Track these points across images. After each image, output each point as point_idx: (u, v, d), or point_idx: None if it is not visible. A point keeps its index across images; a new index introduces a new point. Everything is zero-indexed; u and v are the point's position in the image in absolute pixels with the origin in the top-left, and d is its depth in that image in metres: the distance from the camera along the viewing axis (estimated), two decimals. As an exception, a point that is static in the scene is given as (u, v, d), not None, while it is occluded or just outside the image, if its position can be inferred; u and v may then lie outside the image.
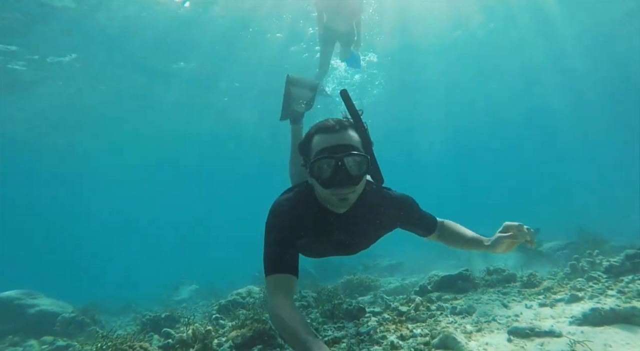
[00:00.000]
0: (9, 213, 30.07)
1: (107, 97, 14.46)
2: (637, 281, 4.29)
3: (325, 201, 1.78)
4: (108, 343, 3.74)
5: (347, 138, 1.66)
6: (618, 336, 2.97)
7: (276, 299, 1.57)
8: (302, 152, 1.81)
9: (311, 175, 1.71)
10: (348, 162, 1.61)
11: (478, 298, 4.76)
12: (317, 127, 1.74)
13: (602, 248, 7.96)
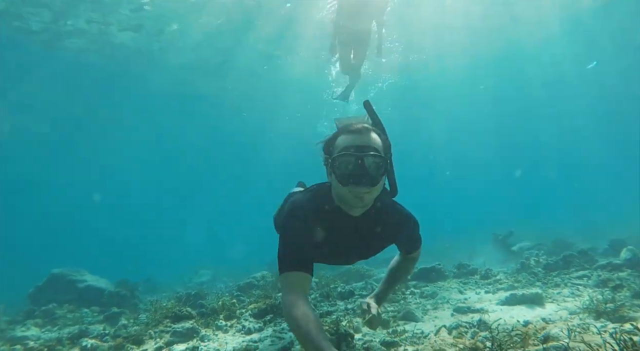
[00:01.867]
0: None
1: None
2: (561, 275, 5.51)
3: (342, 200, 1.81)
4: (163, 307, 5.01)
5: (369, 140, 1.70)
6: (521, 311, 4.19)
7: (291, 297, 1.59)
8: (326, 150, 1.84)
9: (331, 172, 1.75)
10: (368, 161, 1.65)
11: (442, 286, 6.02)
12: (343, 127, 1.80)
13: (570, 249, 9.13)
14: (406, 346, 3.28)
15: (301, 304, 1.55)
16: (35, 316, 7.17)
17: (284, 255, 1.73)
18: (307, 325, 1.44)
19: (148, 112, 18.11)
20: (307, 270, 1.68)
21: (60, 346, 4.35)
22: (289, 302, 1.57)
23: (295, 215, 1.86)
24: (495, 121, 23.23)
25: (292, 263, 1.68)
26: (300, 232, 1.78)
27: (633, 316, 3.31)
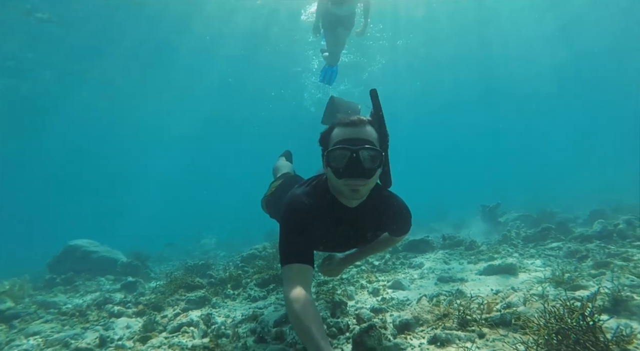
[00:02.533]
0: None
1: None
2: (537, 247, 6.05)
3: (338, 192, 1.86)
4: (177, 278, 5.54)
5: (364, 133, 1.73)
6: (497, 280, 4.71)
7: (292, 289, 1.61)
8: (322, 143, 1.88)
9: (327, 165, 1.78)
10: (363, 154, 1.67)
11: (429, 257, 6.58)
12: (339, 121, 1.82)
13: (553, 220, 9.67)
14: (392, 312, 3.79)
15: (302, 299, 1.57)
16: (56, 283, 7.75)
17: (285, 248, 1.77)
18: (308, 322, 1.47)
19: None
20: (308, 262, 1.72)
21: (89, 311, 4.89)
22: (290, 295, 1.59)
23: (294, 210, 1.87)
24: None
25: (293, 256, 1.71)
26: (299, 226, 1.80)
27: (584, 285, 3.81)
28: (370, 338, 2.62)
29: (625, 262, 4.56)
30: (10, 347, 3.65)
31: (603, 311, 3.00)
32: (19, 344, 3.76)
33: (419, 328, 3.02)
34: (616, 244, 5.65)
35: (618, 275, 4.04)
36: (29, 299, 6.12)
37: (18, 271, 8.19)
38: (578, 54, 18.41)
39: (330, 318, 3.62)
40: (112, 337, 3.70)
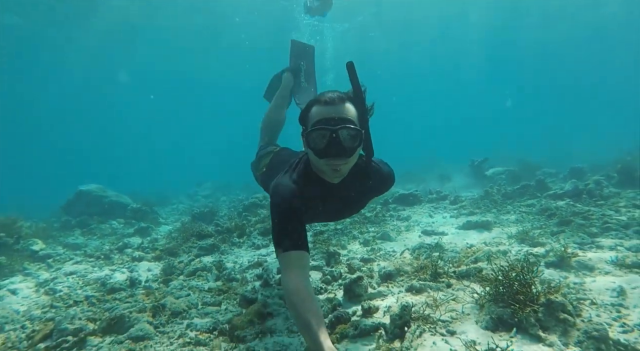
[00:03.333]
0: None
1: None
2: (515, 204, 6.65)
3: (320, 171, 1.85)
4: (189, 227, 6.13)
5: (343, 112, 1.68)
6: (473, 235, 5.33)
7: (291, 279, 1.60)
8: (301, 121, 1.84)
9: (307, 145, 1.76)
10: (342, 134, 1.64)
11: (416, 210, 7.19)
12: (317, 98, 1.76)
13: (534, 174, 10.25)
14: (379, 262, 4.40)
15: (302, 290, 1.56)
16: (72, 225, 8.37)
17: (279, 236, 1.76)
18: (308, 317, 1.45)
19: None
20: (303, 247, 1.72)
21: (112, 254, 5.52)
22: (289, 286, 1.58)
23: (282, 198, 1.85)
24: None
25: (288, 244, 1.70)
26: (289, 213, 1.80)
27: (543, 242, 4.40)
28: (359, 287, 3.22)
29: (584, 220, 5.15)
30: (55, 284, 4.27)
31: (550, 266, 3.62)
32: (61, 282, 4.39)
33: (399, 278, 3.62)
34: (583, 203, 6.25)
35: (573, 233, 4.63)
36: (53, 240, 6.73)
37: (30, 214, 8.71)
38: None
39: (325, 266, 4.24)
40: (139, 279, 4.32)
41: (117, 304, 3.48)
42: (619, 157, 9.22)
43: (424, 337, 2.48)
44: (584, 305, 2.78)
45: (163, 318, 3.09)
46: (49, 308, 3.53)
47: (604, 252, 3.89)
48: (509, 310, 2.53)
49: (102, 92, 29.51)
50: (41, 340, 2.73)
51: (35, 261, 5.31)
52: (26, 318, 3.31)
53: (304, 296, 1.53)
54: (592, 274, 3.38)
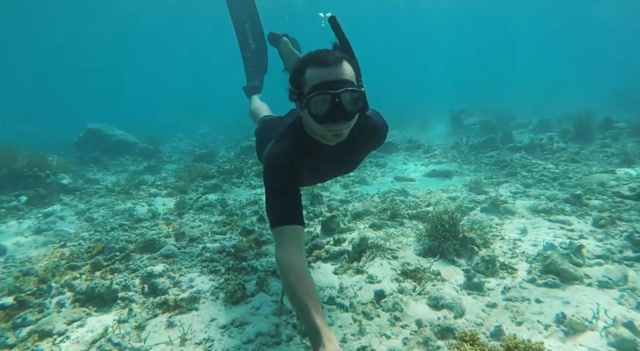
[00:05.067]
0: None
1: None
2: (478, 154, 7.53)
3: (318, 135, 1.73)
4: (195, 169, 6.95)
5: (343, 73, 1.53)
6: (435, 182, 6.23)
7: (285, 254, 1.56)
8: (294, 84, 1.65)
9: (304, 108, 1.60)
10: (345, 98, 1.51)
11: (393, 158, 8.05)
12: (311, 58, 1.58)
13: (508, 124, 11.03)
14: (354, 203, 5.32)
15: (298, 268, 1.51)
16: (85, 161, 9.15)
17: (273, 210, 1.69)
18: (304, 297, 1.41)
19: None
20: (298, 221, 1.66)
21: (131, 190, 6.39)
22: (284, 262, 1.54)
23: (273, 169, 1.76)
24: None
25: (282, 218, 1.65)
26: (283, 186, 1.72)
27: (487, 191, 5.32)
28: (333, 223, 4.16)
29: (527, 172, 6.07)
30: (91, 213, 5.18)
31: (484, 210, 4.57)
32: (95, 211, 5.29)
33: (366, 217, 4.56)
34: (535, 155, 7.14)
35: (513, 184, 5.55)
36: (74, 174, 7.54)
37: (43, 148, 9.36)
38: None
39: (310, 206, 5.16)
40: (157, 211, 5.22)
41: (146, 231, 4.41)
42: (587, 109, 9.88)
43: (375, 260, 3.45)
44: (496, 240, 3.76)
45: (184, 242, 4.02)
46: (94, 232, 4.46)
47: (529, 200, 4.84)
48: (437, 243, 3.50)
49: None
50: (97, 253, 3.67)
51: (67, 193, 6.18)
52: (79, 238, 4.25)
53: (299, 275, 1.48)
54: (512, 217, 4.34)
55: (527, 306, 2.66)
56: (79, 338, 2.52)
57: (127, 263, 3.54)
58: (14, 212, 5.46)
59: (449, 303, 2.67)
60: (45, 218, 5.11)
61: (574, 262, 3.14)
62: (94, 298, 2.95)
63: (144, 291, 3.06)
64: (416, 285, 2.99)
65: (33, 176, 6.46)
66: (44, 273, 3.43)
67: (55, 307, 2.93)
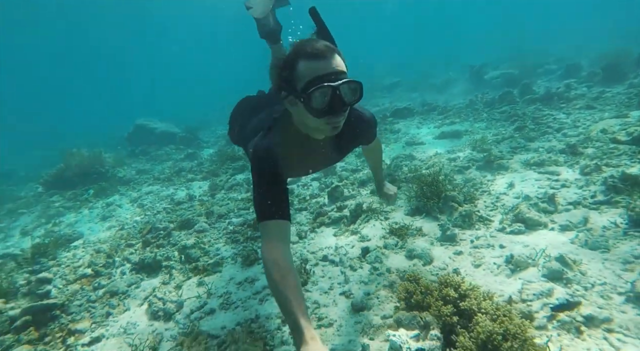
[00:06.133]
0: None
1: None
2: (492, 111, 7.55)
3: (311, 129, 1.66)
4: (226, 153, 7.63)
5: (337, 64, 1.47)
6: (444, 143, 6.45)
7: (270, 250, 1.52)
8: (283, 78, 1.54)
9: (298, 103, 1.52)
10: (344, 89, 1.45)
11: (407, 123, 8.25)
12: (302, 51, 1.46)
13: (535, 72, 10.67)
14: (364, 171, 5.73)
15: (282, 264, 1.48)
16: (136, 153, 10.20)
17: (260, 204, 1.63)
18: (288, 294, 1.38)
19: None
20: (284, 216, 1.62)
21: (172, 177, 7.24)
22: (268, 258, 1.49)
23: (260, 163, 1.69)
24: None
25: (268, 213, 1.60)
26: (271, 178, 1.67)
27: (487, 148, 5.46)
28: (337, 192, 4.65)
29: (535, 124, 6.10)
30: (142, 200, 6.06)
31: (479, 168, 4.83)
32: (145, 198, 6.17)
33: (370, 184, 4.99)
34: (549, 106, 7.05)
35: (515, 139, 5.67)
36: (127, 167, 8.56)
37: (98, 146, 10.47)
38: None
39: (323, 178, 5.66)
40: (194, 194, 5.98)
41: (184, 212, 5.16)
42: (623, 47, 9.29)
43: (370, 222, 3.93)
44: (483, 195, 4.08)
45: (213, 219, 4.71)
46: (144, 215, 5.30)
47: (527, 154, 4.99)
48: (422, 202, 3.90)
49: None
50: (146, 233, 4.46)
51: (123, 184, 7.15)
52: (133, 222, 5.10)
53: (284, 271, 1.45)
54: (505, 173, 4.58)
55: (490, 252, 3.04)
56: (135, 295, 3.30)
57: (169, 239, 4.29)
58: (86, 203, 6.47)
59: (420, 253, 3.12)
60: (108, 207, 6.05)
61: (546, 210, 3.43)
62: (145, 267, 3.71)
63: (181, 260, 3.78)
64: (399, 240, 3.45)
65: (96, 172, 7.48)
66: (109, 250, 4.27)
67: (119, 275, 3.74)
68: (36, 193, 7.59)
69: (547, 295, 2.37)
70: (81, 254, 4.40)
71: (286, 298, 1.36)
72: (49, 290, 3.52)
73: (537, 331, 2.13)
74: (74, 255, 4.40)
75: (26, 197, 7.56)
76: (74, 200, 6.64)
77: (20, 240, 5.43)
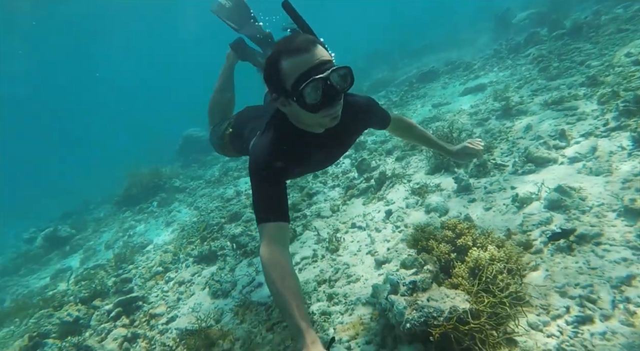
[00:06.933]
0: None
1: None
2: (517, 57, 7.34)
3: (309, 125, 1.62)
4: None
5: (321, 54, 1.41)
6: (469, 99, 6.43)
7: (269, 252, 1.48)
8: (271, 82, 1.50)
9: (291, 103, 1.48)
10: (334, 78, 1.40)
11: (432, 86, 8.25)
12: (282, 50, 1.42)
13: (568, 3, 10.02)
14: (390, 142, 5.95)
15: (281, 266, 1.44)
16: (190, 162, 11.14)
17: (259, 205, 1.59)
18: (288, 297, 1.35)
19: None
20: (283, 218, 1.57)
21: (222, 178, 7.95)
22: (267, 260, 1.45)
23: (259, 164, 1.62)
24: None
25: (267, 214, 1.56)
26: (270, 180, 1.61)
27: (508, 96, 5.44)
28: (363, 164, 4.97)
29: (559, 62, 5.91)
30: (197, 203, 6.81)
31: (498, 117, 4.89)
32: (199, 200, 6.92)
33: (395, 152, 5.24)
34: (577, 38, 6.72)
35: (535, 81, 5.56)
36: (183, 176, 9.45)
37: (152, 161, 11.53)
38: None
39: (354, 153, 5.98)
40: (241, 189, 6.59)
41: (232, 206, 5.76)
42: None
43: (394, 187, 4.23)
44: (502, 143, 4.20)
45: (258, 208, 5.26)
46: (199, 216, 6.00)
47: (547, 94, 4.93)
48: (440, 159, 4.12)
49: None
50: (203, 230, 5.11)
51: (180, 192, 8.00)
52: (191, 223, 5.81)
53: (283, 274, 1.43)
54: (524, 117, 4.61)
55: (501, 194, 3.24)
56: (198, 282, 3.92)
57: (221, 232, 4.90)
58: (151, 214, 7.37)
59: (435, 206, 3.39)
60: (169, 214, 6.88)
61: (557, 146, 3.52)
62: (204, 258, 4.33)
63: (232, 247, 4.35)
64: (419, 199, 3.73)
65: (156, 186, 8.41)
66: (174, 249, 4.98)
67: (183, 268, 4.40)
68: (111, 212, 8.71)
69: (545, 223, 2.57)
70: (153, 256, 5.16)
71: (286, 301, 1.35)
72: (131, 287, 4.26)
73: (533, 256, 2.36)
74: (147, 258, 5.18)
75: (105, 218, 8.71)
76: (142, 213, 7.58)
77: (106, 253, 6.39)
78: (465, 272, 2.11)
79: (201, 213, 6.15)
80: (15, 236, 10.31)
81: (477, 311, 1.82)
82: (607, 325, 1.76)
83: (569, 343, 1.72)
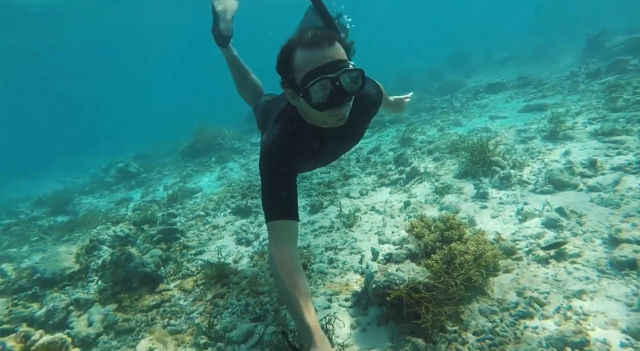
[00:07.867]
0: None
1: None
2: (592, 82, 7.04)
3: (318, 121, 1.56)
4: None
5: (336, 53, 1.37)
6: (526, 117, 6.39)
7: (278, 249, 1.50)
8: (282, 71, 1.48)
9: (300, 98, 1.43)
10: (344, 79, 1.37)
11: (496, 98, 8.15)
12: (298, 40, 1.38)
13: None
14: (441, 142, 6.11)
15: (289, 263, 1.46)
16: (254, 130, 11.95)
17: (268, 203, 1.57)
18: (296, 294, 1.36)
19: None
20: (292, 216, 1.56)
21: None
22: (276, 257, 1.47)
23: (269, 160, 1.61)
24: None
25: (276, 212, 1.54)
26: (279, 176, 1.58)
27: (564, 120, 5.37)
28: (402, 158, 5.27)
29: (632, 95, 5.64)
30: (249, 165, 7.51)
31: (544, 138, 4.91)
32: (251, 163, 7.62)
33: (436, 152, 5.46)
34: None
35: (596, 110, 5.40)
36: (244, 140, 10.24)
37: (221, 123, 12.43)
38: None
39: (400, 147, 6.24)
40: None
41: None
42: None
43: (422, 183, 4.52)
44: (537, 162, 4.29)
45: (298, 178, 5.78)
46: (247, 176, 6.68)
47: (602, 124, 4.84)
48: (469, 166, 4.33)
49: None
50: (246, 189, 5.75)
51: (237, 153, 8.79)
52: (239, 181, 6.50)
53: (290, 271, 1.44)
54: (568, 142, 4.62)
55: (512, 207, 3.44)
56: (229, 229, 4.54)
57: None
58: (209, 168, 8.23)
59: (448, 205, 3.67)
60: (223, 170, 7.66)
61: (584, 174, 3.60)
62: (240, 211, 4.94)
63: (266, 206, 4.92)
64: (438, 197, 4.01)
65: (217, 144, 9.28)
66: (218, 200, 5.67)
67: (221, 216, 5.05)
68: (175, 160, 9.76)
69: (535, 237, 2.79)
70: (199, 202, 5.91)
71: (294, 299, 1.36)
72: (175, 221, 5.01)
73: (513, 261, 2.62)
74: (194, 202, 5.96)
75: (169, 163, 9.79)
76: (200, 165, 8.48)
77: (163, 192, 7.31)
78: (439, 257, 2.44)
79: (250, 174, 6.81)
80: (97, 165, 11.89)
81: (432, 285, 2.16)
82: (542, 323, 2.03)
83: (503, 329, 2.02)
